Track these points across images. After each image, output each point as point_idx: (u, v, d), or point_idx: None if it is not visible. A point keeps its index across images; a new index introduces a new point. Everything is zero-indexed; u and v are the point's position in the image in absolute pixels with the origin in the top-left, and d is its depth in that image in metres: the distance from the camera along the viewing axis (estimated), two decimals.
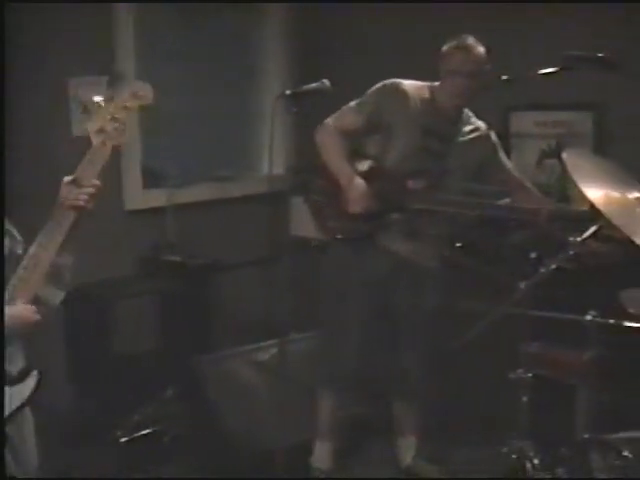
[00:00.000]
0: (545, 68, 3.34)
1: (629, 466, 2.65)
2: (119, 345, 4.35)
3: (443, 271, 3.69)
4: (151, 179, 4.83)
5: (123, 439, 4.04)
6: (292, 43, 5.27)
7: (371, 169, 3.62)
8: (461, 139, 3.60)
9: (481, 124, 3.65)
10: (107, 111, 2.49)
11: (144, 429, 4.10)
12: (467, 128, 3.62)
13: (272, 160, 3.51)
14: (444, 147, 3.56)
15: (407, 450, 3.84)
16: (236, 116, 5.25)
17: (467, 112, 3.63)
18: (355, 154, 3.66)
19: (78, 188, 2.41)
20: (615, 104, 4.05)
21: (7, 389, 2.33)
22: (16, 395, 2.35)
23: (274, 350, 3.70)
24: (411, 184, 3.53)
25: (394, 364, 3.72)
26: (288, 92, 3.39)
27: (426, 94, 3.56)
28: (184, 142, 4.97)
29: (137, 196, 4.76)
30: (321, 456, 3.83)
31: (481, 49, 3.45)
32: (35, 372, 2.38)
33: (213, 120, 5.11)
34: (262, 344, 4.11)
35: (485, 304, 3.00)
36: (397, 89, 3.54)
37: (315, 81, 3.43)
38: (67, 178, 2.43)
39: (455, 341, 3.27)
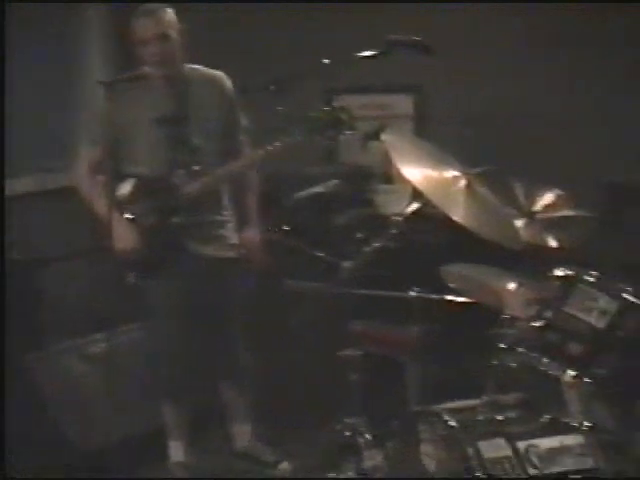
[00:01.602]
0: (366, 51, 3.41)
1: (455, 435, 2.73)
2: None
3: (270, 254, 3.70)
4: None
5: None
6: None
7: (134, 188, 3.46)
8: (197, 102, 3.47)
9: (217, 73, 3.54)
10: None
11: None
12: (200, 88, 3.48)
13: None
14: (182, 125, 3.44)
15: (242, 435, 3.84)
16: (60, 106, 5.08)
17: (196, 71, 3.50)
18: (117, 177, 3.45)
19: None
20: (434, 87, 4.18)
21: None
22: None
23: (104, 343, 3.63)
24: (176, 181, 3.43)
25: (220, 353, 3.70)
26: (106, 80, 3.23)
27: (146, 83, 3.36)
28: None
29: None
30: (177, 453, 3.78)
31: (164, 11, 3.35)
32: None
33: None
34: (92, 337, 4.01)
35: (313, 285, 3.04)
36: (112, 97, 3.08)
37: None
38: None
39: (284, 323, 3.32)
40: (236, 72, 3.53)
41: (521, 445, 2.68)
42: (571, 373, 2.47)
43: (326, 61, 3.46)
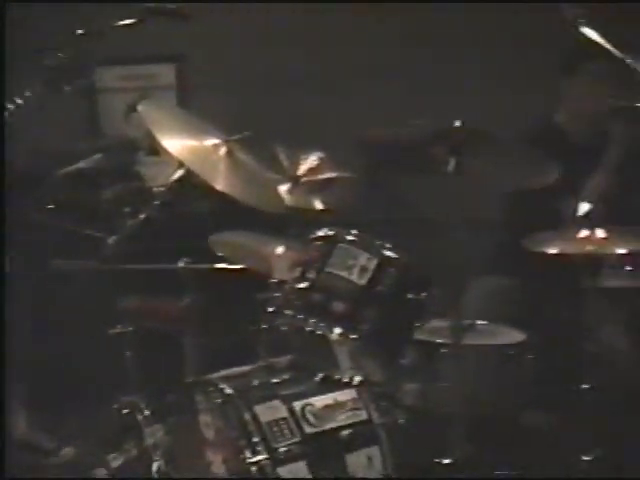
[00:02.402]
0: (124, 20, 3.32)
1: (231, 402, 2.74)
2: None
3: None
4: None
5: None
6: None
7: None
8: None
9: None
10: None
11: None
12: None
13: None
14: None
15: (18, 424, 3.70)
16: None
17: None
18: None
19: None
20: (195, 55, 4.15)
21: None
22: None
23: None
24: None
25: None
26: None
27: None
28: None
29: None
30: None
31: None
32: None
33: None
34: None
35: (80, 264, 2.96)
36: None
37: None
38: None
39: (53, 305, 3.21)
40: None
41: (297, 405, 2.74)
42: (337, 331, 2.52)
43: (80, 32, 3.34)
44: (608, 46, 2.13)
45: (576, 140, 3.43)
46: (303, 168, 3.26)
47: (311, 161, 3.27)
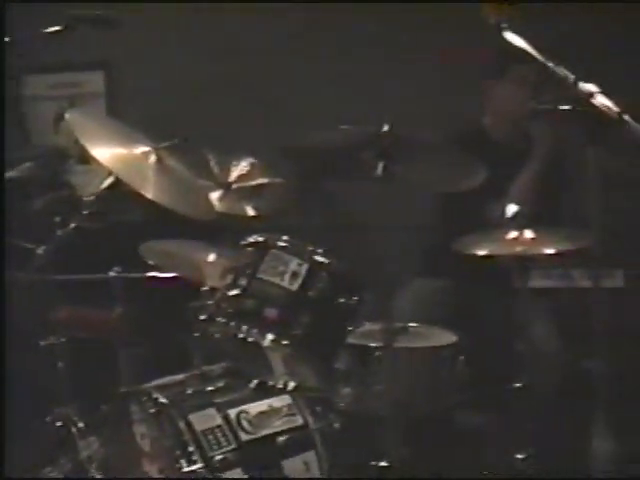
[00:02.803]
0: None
1: (166, 411, 2.73)
2: None
3: None
4: None
5: None
6: None
7: None
8: None
9: None
10: None
11: None
12: None
13: None
14: None
15: None
16: None
17: None
18: None
19: None
20: (123, 62, 4.11)
21: None
22: None
23: None
24: None
25: None
26: None
27: None
28: None
29: None
30: None
31: None
32: None
33: None
34: None
35: (10, 275, 2.91)
36: None
37: None
38: None
39: None
40: None
41: (232, 413, 2.74)
42: (270, 337, 2.52)
43: (6, 39, 3.30)
44: (531, 50, 2.16)
45: (502, 142, 3.48)
46: (234, 174, 3.26)
47: (242, 167, 3.28)
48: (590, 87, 1.98)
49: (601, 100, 1.95)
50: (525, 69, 3.27)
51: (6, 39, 3.31)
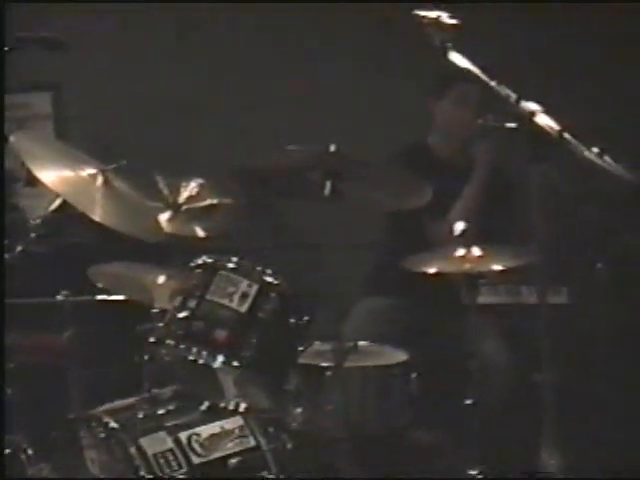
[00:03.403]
0: None
1: (116, 436, 2.70)
2: None
3: None
4: None
5: None
6: None
7: None
8: None
9: None
10: None
11: None
12: None
13: None
14: None
15: None
16: None
17: None
18: None
19: None
20: (71, 84, 4.09)
21: None
22: None
23: None
24: None
25: None
26: None
27: None
28: None
29: None
30: None
31: None
32: None
33: None
34: None
35: None
36: None
37: None
38: None
39: None
40: None
41: (183, 436, 2.72)
42: (220, 359, 2.51)
43: None
44: (474, 70, 2.18)
45: (447, 160, 3.50)
46: (184, 195, 3.24)
47: (191, 188, 3.26)
48: (532, 106, 2.01)
49: (542, 119, 1.97)
50: (467, 89, 3.31)
51: None
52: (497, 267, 2.91)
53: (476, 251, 2.90)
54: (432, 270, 2.90)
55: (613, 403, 3.28)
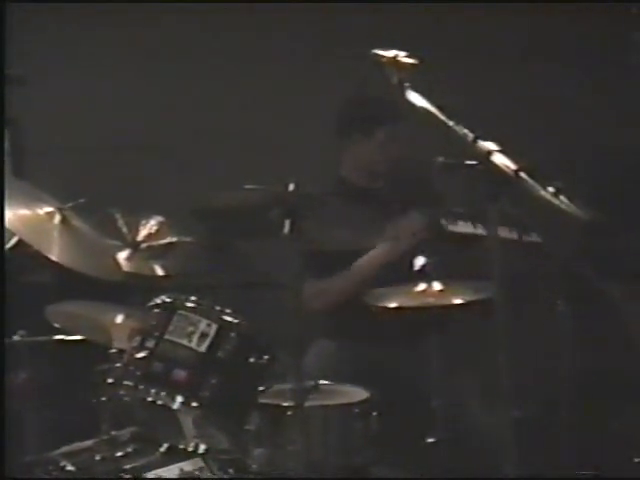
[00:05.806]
0: None
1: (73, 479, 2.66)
2: None
3: None
4: None
5: None
6: None
7: None
8: None
9: None
10: None
11: None
12: None
13: None
14: None
15: None
16: None
17: None
18: None
19: None
20: (29, 119, 4.04)
21: None
22: None
23: None
24: None
25: None
26: None
27: None
28: None
29: None
30: None
31: None
32: None
33: None
34: None
35: None
36: None
37: None
38: None
39: None
40: None
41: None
42: (179, 400, 2.49)
43: None
44: (432, 109, 2.20)
45: (362, 190, 3.41)
46: (142, 233, 3.23)
47: (151, 226, 3.24)
48: (488, 145, 2.02)
49: (499, 158, 1.99)
50: (398, 127, 3.31)
51: None
52: (458, 301, 2.91)
53: (437, 286, 2.91)
54: (393, 305, 2.90)
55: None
